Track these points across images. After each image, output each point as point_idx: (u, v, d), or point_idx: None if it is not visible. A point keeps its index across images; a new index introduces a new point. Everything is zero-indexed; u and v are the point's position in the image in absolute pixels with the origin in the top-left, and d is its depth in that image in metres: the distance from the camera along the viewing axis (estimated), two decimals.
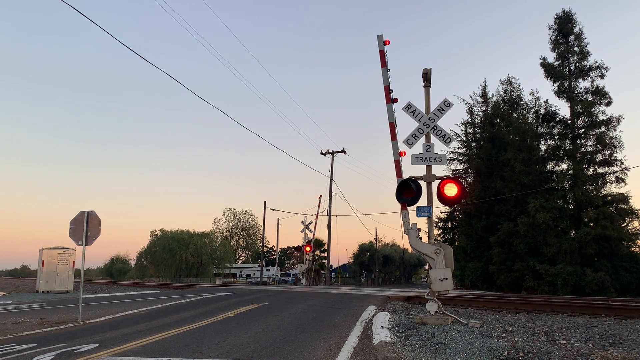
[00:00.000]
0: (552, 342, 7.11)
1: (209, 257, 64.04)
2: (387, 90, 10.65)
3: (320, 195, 39.52)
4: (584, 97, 32.45)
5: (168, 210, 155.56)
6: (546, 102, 34.31)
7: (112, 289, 31.84)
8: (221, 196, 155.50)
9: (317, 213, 39.26)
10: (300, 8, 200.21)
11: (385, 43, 10.80)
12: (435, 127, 10.19)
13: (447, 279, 9.15)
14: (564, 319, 10.30)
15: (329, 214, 39.26)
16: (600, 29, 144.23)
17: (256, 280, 64.60)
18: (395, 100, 10.61)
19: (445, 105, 10.27)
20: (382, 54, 10.83)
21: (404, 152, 10.30)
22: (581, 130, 32.35)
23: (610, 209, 29.92)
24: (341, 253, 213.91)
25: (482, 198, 35.39)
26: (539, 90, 73.37)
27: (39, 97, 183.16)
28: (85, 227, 10.98)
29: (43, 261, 24.50)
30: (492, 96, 40.20)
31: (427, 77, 10.54)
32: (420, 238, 9.96)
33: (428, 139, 10.21)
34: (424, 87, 10.64)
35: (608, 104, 31.73)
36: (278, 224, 51.02)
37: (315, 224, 39.10)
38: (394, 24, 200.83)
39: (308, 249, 37.13)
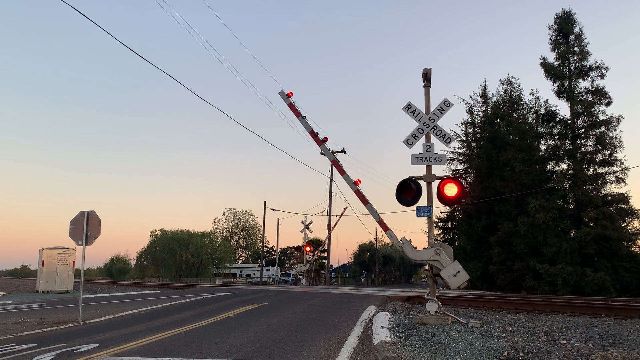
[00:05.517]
0: (552, 342, 7.11)
1: (209, 257, 63.99)
2: (314, 135, 11.23)
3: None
4: (584, 97, 32.45)
5: (168, 210, 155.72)
6: (546, 102, 34.39)
7: (112, 289, 31.83)
8: (221, 196, 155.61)
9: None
10: (301, 8, 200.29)
11: (288, 95, 11.38)
12: (435, 127, 10.19)
13: (459, 271, 9.04)
14: (564, 319, 10.30)
15: (329, 214, 39.27)
16: (600, 29, 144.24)
17: (256, 280, 64.57)
18: (325, 139, 11.19)
19: (445, 105, 10.27)
20: (291, 106, 11.44)
21: (359, 180, 10.91)
22: (581, 130, 32.35)
23: (610, 209, 29.91)
24: (341, 253, 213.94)
25: (482, 198, 35.38)
26: (539, 90, 73.26)
27: (39, 97, 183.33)
28: (85, 227, 10.97)
29: (43, 261, 24.47)
30: (492, 96, 40.23)
31: (427, 77, 10.53)
32: (415, 248, 9.99)
33: (428, 139, 10.21)
34: (424, 87, 10.63)
35: (608, 104, 31.75)
36: (278, 224, 51.07)
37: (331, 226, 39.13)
38: (394, 24, 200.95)
39: (308, 249, 37.10)
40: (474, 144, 41.06)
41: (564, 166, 33.13)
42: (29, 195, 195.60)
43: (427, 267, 10.15)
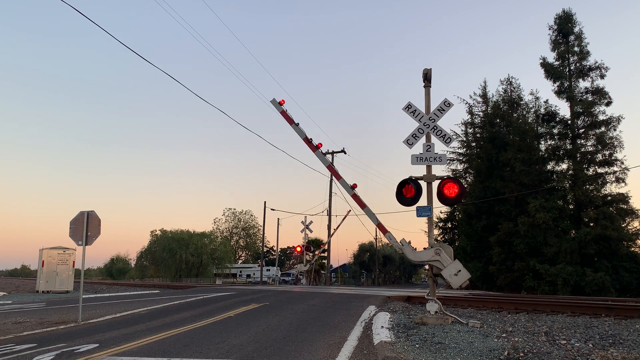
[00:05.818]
0: (552, 342, 7.11)
1: (209, 257, 63.97)
2: (307, 141, 11.28)
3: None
4: (584, 97, 32.44)
5: (168, 210, 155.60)
6: (546, 102, 34.38)
7: (112, 289, 31.82)
8: (221, 196, 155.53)
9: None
10: (301, 8, 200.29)
11: (280, 103, 11.36)
12: (435, 127, 10.19)
13: (460, 270, 9.03)
14: (564, 319, 10.30)
15: (329, 214, 39.26)
16: (600, 29, 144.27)
17: (256, 280, 64.55)
18: (320, 145, 11.22)
19: (446, 105, 10.27)
20: (284, 113, 11.46)
21: (356, 185, 10.98)
22: (581, 130, 32.35)
23: (610, 209, 29.91)
24: (341, 253, 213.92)
25: (482, 198, 35.37)
26: (539, 90, 73.27)
27: (40, 97, 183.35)
28: (85, 227, 10.97)
29: (43, 261, 24.46)
30: (492, 96, 40.23)
31: (427, 77, 10.53)
32: (415, 249, 9.98)
33: (428, 139, 10.21)
34: (424, 87, 10.63)
35: (608, 104, 31.74)
36: (278, 224, 51.05)
37: (331, 229, 39.06)
38: (394, 24, 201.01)
39: (308, 249, 37.07)
40: (474, 144, 41.07)
41: (564, 166, 33.14)
42: (29, 195, 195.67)
43: (427, 267, 10.13)
